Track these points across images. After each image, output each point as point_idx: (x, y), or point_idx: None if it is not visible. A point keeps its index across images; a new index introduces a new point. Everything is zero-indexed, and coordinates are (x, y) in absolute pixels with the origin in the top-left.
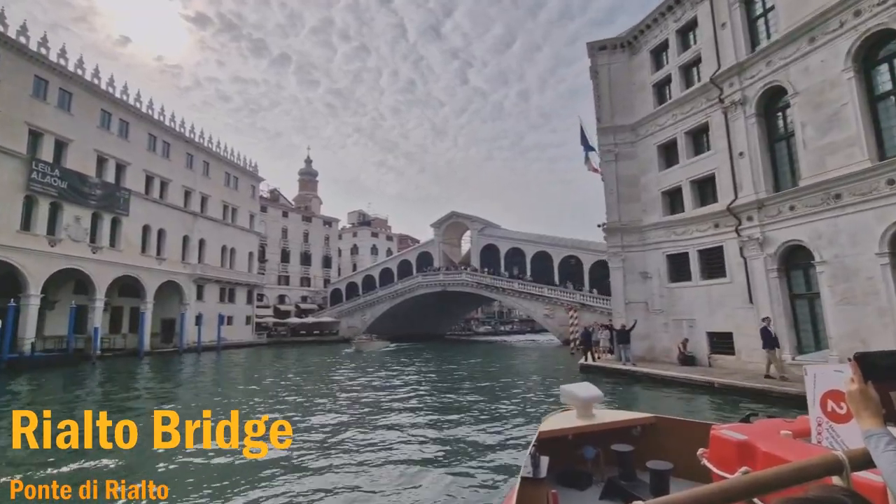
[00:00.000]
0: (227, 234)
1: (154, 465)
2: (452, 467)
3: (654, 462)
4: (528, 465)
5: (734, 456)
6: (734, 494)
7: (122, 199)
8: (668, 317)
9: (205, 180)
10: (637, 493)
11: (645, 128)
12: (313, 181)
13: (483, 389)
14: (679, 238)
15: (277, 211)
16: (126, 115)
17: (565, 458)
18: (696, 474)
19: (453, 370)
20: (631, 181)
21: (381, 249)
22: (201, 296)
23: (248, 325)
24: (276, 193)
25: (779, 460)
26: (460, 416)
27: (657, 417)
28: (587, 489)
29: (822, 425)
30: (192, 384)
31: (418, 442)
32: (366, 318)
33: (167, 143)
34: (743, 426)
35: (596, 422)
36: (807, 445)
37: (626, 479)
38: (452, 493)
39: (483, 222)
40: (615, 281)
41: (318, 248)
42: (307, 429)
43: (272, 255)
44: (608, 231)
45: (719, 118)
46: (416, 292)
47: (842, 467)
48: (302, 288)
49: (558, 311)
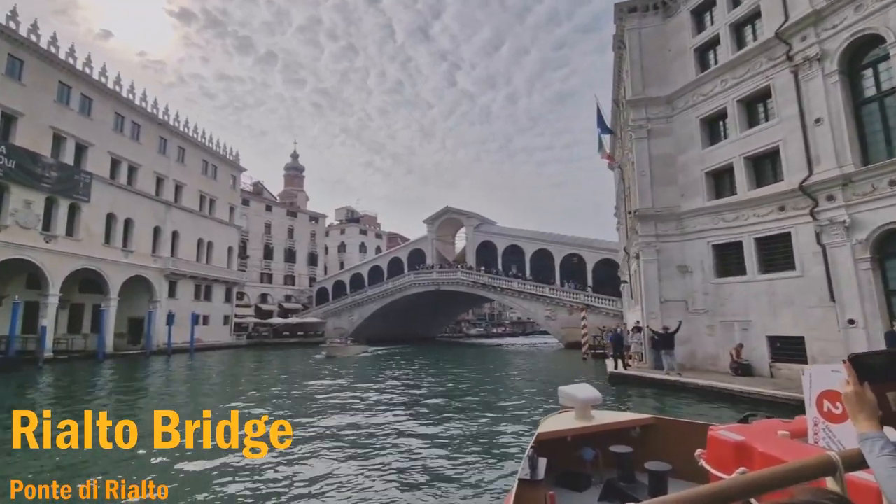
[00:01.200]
0: (204, 226)
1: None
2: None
3: (652, 463)
4: (525, 466)
5: (732, 457)
6: (731, 495)
7: (83, 183)
8: (714, 318)
9: (179, 167)
10: (635, 495)
11: (684, 99)
12: (299, 176)
13: (501, 420)
14: (729, 225)
15: (260, 204)
16: (89, 91)
17: (564, 460)
18: (694, 475)
19: (450, 386)
20: (666, 161)
21: (370, 247)
22: (174, 293)
23: (226, 325)
24: (259, 186)
25: (776, 461)
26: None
27: (656, 418)
28: (586, 491)
29: (819, 425)
30: (139, 393)
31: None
32: (353, 319)
33: (137, 125)
34: (741, 427)
35: (594, 423)
36: (804, 446)
37: (624, 480)
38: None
39: (479, 218)
40: (648, 276)
41: (303, 244)
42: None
43: (254, 250)
44: (640, 219)
45: (786, 80)
46: (407, 292)
47: (835, 468)
48: (286, 286)
49: (560, 313)
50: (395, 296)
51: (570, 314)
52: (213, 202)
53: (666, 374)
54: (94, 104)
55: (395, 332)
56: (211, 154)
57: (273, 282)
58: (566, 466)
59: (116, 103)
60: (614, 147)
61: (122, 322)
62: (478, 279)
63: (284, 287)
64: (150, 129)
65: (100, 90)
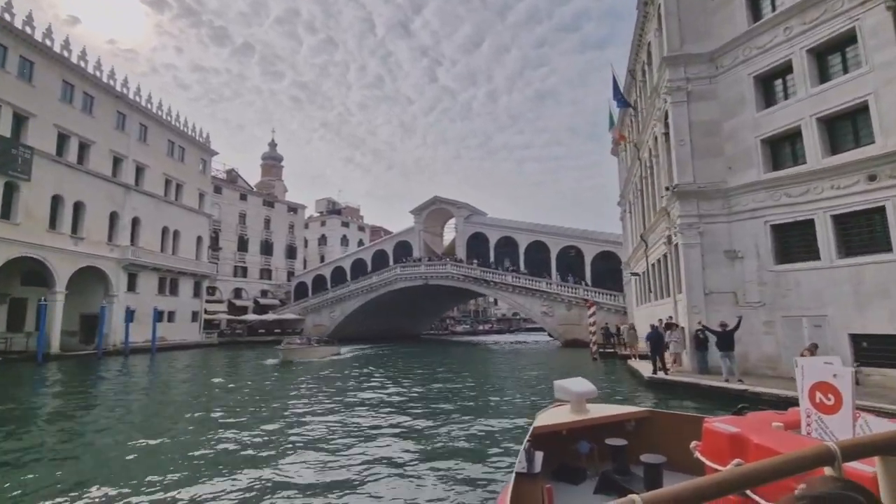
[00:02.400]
0: (169, 213)
1: None
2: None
3: (647, 456)
4: (522, 460)
5: (727, 448)
6: (727, 487)
7: (22, 158)
8: (774, 312)
9: (141, 147)
10: (631, 487)
11: (732, 55)
12: (278, 166)
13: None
14: (795, 201)
15: (234, 193)
16: (30, 53)
17: (560, 453)
18: (689, 467)
19: (447, 411)
20: (709, 129)
21: (353, 240)
22: (134, 286)
23: (194, 322)
24: (233, 174)
25: (771, 452)
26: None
27: (651, 411)
28: (582, 483)
29: (811, 416)
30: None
31: None
32: (335, 316)
33: (90, 97)
34: (735, 419)
35: (590, 416)
36: (798, 437)
37: (620, 472)
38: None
39: (470, 209)
40: (690, 263)
41: (281, 236)
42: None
43: (227, 242)
44: (680, 196)
45: (880, 19)
46: (393, 286)
47: (834, 458)
48: (262, 281)
49: (558, 308)
50: (379, 290)
51: (569, 310)
52: (179, 187)
53: (725, 380)
54: (35, 69)
55: (378, 329)
56: (178, 134)
57: (248, 276)
58: (562, 460)
59: (64, 70)
60: (623, 124)
61: (73, 319)
62: (469, 272)
63: (260, 281)
64: (105, 102)
65: (43, 54)
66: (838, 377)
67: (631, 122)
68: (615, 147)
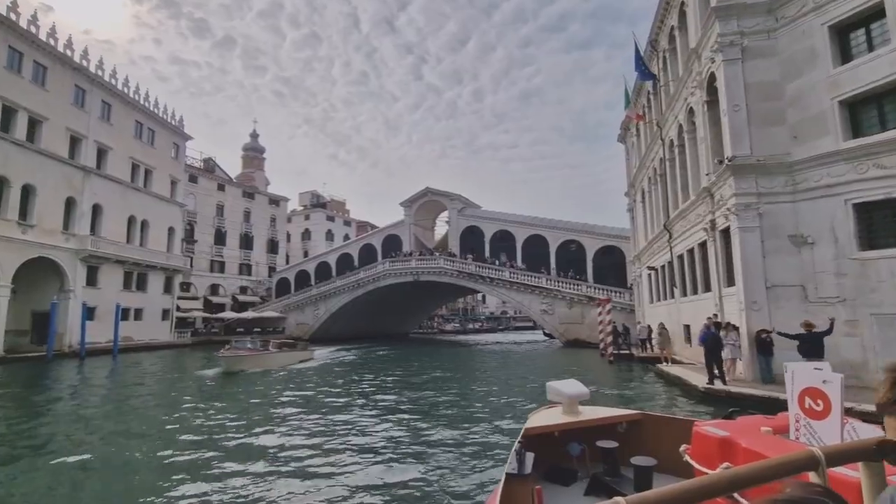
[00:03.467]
0: (137, 201)
1: None
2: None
3: (638, 458)
4: (513, 461)
5: (716, 452)
6: (715, 490)
7: None
8: (858, 309)
9: (104, 126)
10: (621, 489)
11: (798, 2)
12: (259, 158)
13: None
14: (888, 174)
15: (211, 183)
16: None
17: (551, 455)
18: (679, 470)
19: (457, 439)
20: (767, 92)
21: (338, 235)
22: (94, 280)
23: (165, 320)
24: (211, 163)
25: (758, 456)
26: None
27: (642, 414)
28: (572, 485)
29: (800, 421)
30: None
31: None
32: (319, 313)
33: (42, 67)
34: (725, 423)
35: (582, 418)
36: (786, 441)
37: (610, 475)
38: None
39: (463, 201)
40: (747, 251)
41: (262, 229)
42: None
43: (203, 234)
44: (735, 171)
45: None
46: (381, 282)
47: (818, 463)
48: (241, 277)
49: (559, 306)
50: (367, 287)
51: (570, 308)
52: (149, 173)
53: None
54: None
55: (365, 328)
56: (147, 115)
57: (226, 271)
58: (553, 461)
59: (8, 33)
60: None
61: (23, 317)
62: (463, 268)
63: (239, 277)
64: (61, 74)
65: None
66: (828, 383)
67: (649, 101)
68: (623, 132)
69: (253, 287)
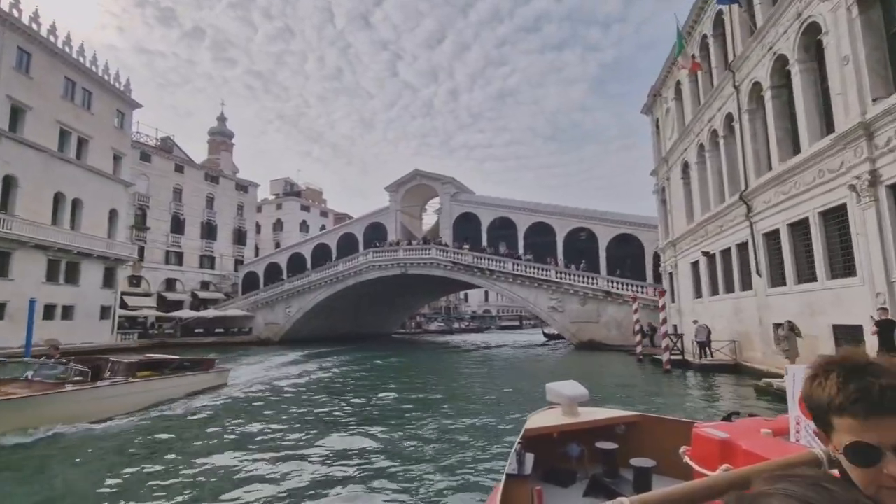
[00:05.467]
0: (66, 174)
1: None
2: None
3: (637, 460)
4: (513, 462)
5: (716, 454)
6: (714, 491)
7: None
8: None
9: (20, 79)
10: (620, 490)
11: None
12: (228, 144)
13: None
14: None
15: (168, 163)
16: None
17: (550, 456)
18: (678, 472)
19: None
20: None
21: (314, 227)
22: (5, 270)
23: (105, 319)
24: (169, 142)
25: (759, 458)
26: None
27: (641, 416)
28: (571, 486)
29: (801, 424)
30: None
31: None
32: (291, 311)
33: None
34: (725, 425)
35: (581, 420)
36: (786, 444)
37: (609, 476)
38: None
39: (457, 185)
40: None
41: (227, 217)
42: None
43: (158, 221)
44: None
45: None
46: (363, 276)
47: (820, 464)
48: (202, 270)
49: (570, 302)
50: (346, 281)
51: (583, 305)
52: (83, 143)
53: None
54: None
55: (342, 328)
56: (80, 72)
57: (184, 263)
58: (553, 462)
59: None
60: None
61: None
62: (459, 259)
63: (200, 271)
64: None
65: None
66: None
67: (705, 48)
68: (651, 100)
69: (216, 282)
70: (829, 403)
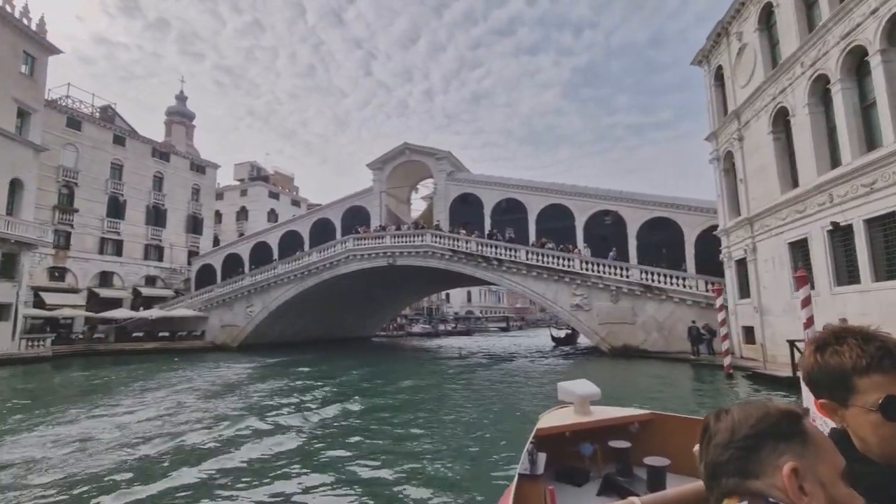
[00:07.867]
0: None
1: None
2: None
3: (651, 458)
4: (525, 461)
5: None
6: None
7: None
8: None
9: None
10: (634, 489)
11: None
12: (188, 126)
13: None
14: None
15: (105, 133)
16: None
17: (563, 455)
18: (693, 470)
19: None
20: None
21: (285, 216)
22: None
23: (5, 321)
24: (110, 112)
25: None
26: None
27: (655, 414)
28: (585, 485)
29: (816, 422)
30: None
31: None
32: (253, 311)
33: None
34: None
35: (594, 418)
36: None
37: (623, 475)
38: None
39: (453, 162)
40: None
41: (179, 202)
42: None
43: (89, 202)
44: None
45: None
46: (341, 268)
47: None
48: (147, 262)
49: (598, 299)
50: (321, 274)
51: (615, 301)
52: None
53: None
54: None
55: (315, 330)
56: None
57: (124, 253)
58: (565, 461)
59: None
60: None
61: None
62: (459, 247)
63: (145, 263)
64: None
65: None
66: None
67: None
68: (711, 46)
69: (165, 277)
70: (854, 366)
